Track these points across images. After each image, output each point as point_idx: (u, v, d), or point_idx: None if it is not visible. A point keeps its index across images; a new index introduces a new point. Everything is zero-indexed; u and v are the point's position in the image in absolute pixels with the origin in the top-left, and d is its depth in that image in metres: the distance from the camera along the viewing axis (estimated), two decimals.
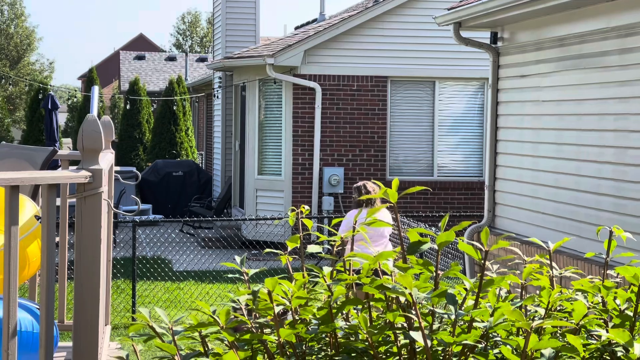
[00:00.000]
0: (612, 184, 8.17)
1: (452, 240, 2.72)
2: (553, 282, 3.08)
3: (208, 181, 21.94)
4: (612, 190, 8.18)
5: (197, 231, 18.25)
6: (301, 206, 3.26)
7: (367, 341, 2.69)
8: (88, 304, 4.06)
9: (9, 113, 45.93)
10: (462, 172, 16.93)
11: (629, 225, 7.68)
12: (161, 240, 15.47)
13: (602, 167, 8.35)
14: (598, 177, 8.40)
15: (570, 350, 2.58)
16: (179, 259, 15.14)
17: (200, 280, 13.65)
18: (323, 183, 16.33)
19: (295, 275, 2.99)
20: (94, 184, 4.10)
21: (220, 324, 2.86)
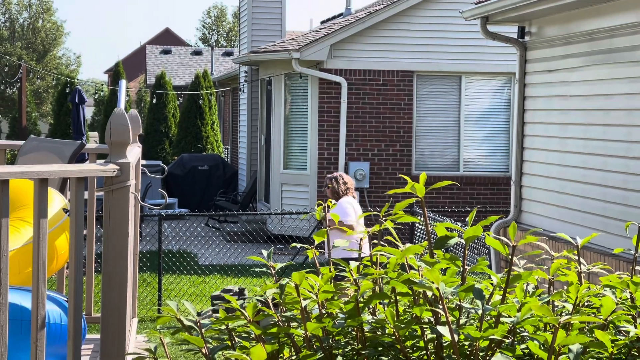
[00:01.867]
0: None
1: (479, 235, 2.72)
2: (581, 278, 3.06)
3: (233, 175, 21.99)
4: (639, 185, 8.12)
5: (223, 225, 18.31)
6: (328, 200, 3.26)
7: (394, 335, 2.69)
8: (116, 297, 4.08)
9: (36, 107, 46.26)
10: (488, 167, 16.86)
11: None
12: (187, 234, 15.53)
13: (630, 162, 8.30)
14: (626, 172, 8.35)
15: (599, 346, 2.57)
16: (204, 253, 15.19)
17: (226, 274, 13.69)
18: None
19: (321, 270, 2.99)
20: (121, 177, 4.13)
21: (248, 317, 2.87)
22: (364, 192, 16.37)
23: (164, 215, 12.69)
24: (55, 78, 28.67)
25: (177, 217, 17.90)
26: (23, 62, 35.52)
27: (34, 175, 3.80)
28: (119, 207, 4.13)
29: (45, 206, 3.82)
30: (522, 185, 10.64)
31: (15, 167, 3.91)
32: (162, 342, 3.00)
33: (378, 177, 16.46)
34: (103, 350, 4.03)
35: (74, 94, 19.19)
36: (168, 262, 13.56)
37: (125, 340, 4.15)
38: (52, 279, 7.83)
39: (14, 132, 33.35)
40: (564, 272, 3.07)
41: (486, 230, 4.92)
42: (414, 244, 2.81)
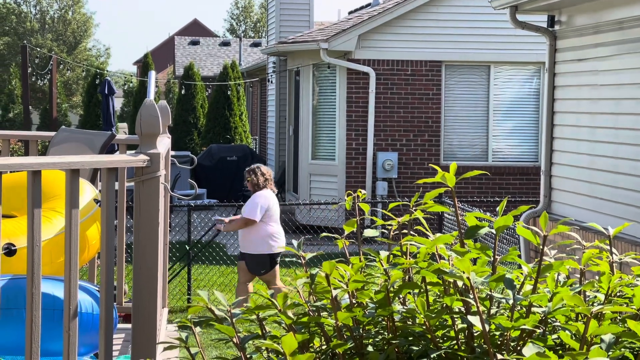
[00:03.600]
0: None
1: (510, 225, 2.71)
2: (613, 268, 3.05)
3: None
4: None
5: None
6: (358, 190, 3.26)
7: (425, 325, 2.69)
8: (146, 286, 4.11)
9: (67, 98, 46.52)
10: (518, 157, 16.79)
11: None
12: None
13: None
14: None
15: (631, 336, 2.56)
16: (233, 243, 15.24)
17: None
18: (377, 168, 16.30)
19: (352, 260, 3.00)
20: (152, 168, 4.15)
21: (278, 306, 2.88)
22: (392, 182, 16.34)
23: (193, 205, 12.74)
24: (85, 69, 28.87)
25: (206, 207, 17.96)
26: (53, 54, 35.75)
27: (65, 166, 3.83)
28: (149, 198, 4.15)
29: (76, 196, 3.85)
30: (552, 175, 10.58)
31: (47, 157, 3.94)
32: (193, 332, 3.02)
33: (406, 167, 16.43)
34: (134, 340, 4.06)
35: (103, 85, 19.29)
36: (197, 252, 13.62)
37: (156, 329, 4.18)
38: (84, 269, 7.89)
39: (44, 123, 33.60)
40: (595, 262, 3.06)
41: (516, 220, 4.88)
42: (443, 234, 2.81)
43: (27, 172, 3.60)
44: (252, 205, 9.96)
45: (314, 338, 3.01)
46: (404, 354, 2.80)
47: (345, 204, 3.27)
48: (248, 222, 9.88)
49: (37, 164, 3.65)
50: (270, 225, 9.96)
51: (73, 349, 3.84)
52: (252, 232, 9.92)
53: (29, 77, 33.42)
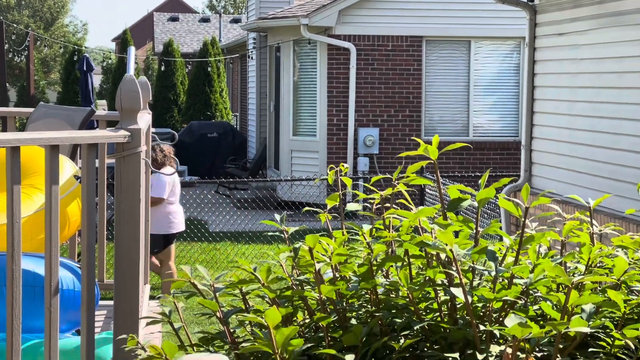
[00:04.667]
0: None
1: (492, 198, 2.71)
2: (593, 239, 3.06)
3: (243, 142, 21.98)
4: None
5: (233, 192, 18.33)
6: (340, 164, 3.26)
7: (408, 297, 2.70)
8: (128, 262, 4.10)
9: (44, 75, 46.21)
10: (498, 132, 16.82)
11: None
12: (197, 201, 15.54)
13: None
14: (636, 135, 8.32)
15: (611, 306, 2.58)
16: (214, 220, 15.23)
17: (237, 241, 13.73)
18: (358, 144, 16.30)
19: (335, 234, 3.00)
20: (133, 144, 4.12)
21: (261, 281, 2.88)
22: (374, 158, 16.35)
23: None
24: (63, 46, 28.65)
25: (187, 184, 17.91)
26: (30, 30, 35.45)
27: (44, 142, 3.79)
28: (130, 174, 4.13)
29: (56, 173, 3.82)
30: (532, 150, 10.61)
31: (25, 133, 3.91)
32: (176, 307, 3.02)
33: (388, 143, 16.43)
34: (116, 315, 4.05)
35: (81, 61, 19.15)
36: None
37: (139, 305, 4.17)
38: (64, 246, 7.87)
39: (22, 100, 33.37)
40: (576, 234, 3.07)
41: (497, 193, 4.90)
42: (425, 207, 2.81)
43: (5, 148, 3.57)
44: (159, 184, 9.66)
45: (298, 312, 3.02)
46: (387, 326, 2.81)
47: (328, 179, 3.27)
48: (155, 201, 9.53)
49: (15, 139, 3.62)
50: (170, 204, 9.76)
51: (55, 325, 3.82)
52: (153, 211, 9.60)
53: (6, 53, 33.12)
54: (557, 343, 2.52)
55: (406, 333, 2.73)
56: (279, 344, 2.41)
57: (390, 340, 2.61)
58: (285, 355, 2.44)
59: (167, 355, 2.61)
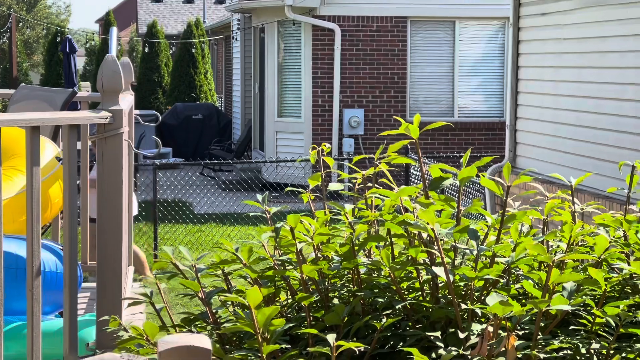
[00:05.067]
0: (634, 121, 8.11)
1: (474, 176, 2.71)
2: (575, 217, 3.07)
3: (228, 124, 21.93)
4: (633, 127, 8.12)
5: (218, 174, 18.30)
6: (322, 144, 3.25)
7: (390, 277, 2.70)
8: (111, 244, 4.08)
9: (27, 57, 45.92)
10: (483, 113, 16.84)
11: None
12: (182, 183, 15.52)
13: (624, 104, 8.29)
14: (619, 114, 8.34)
15: (592, 283, 2.58)
16: (199, 202, 15.21)
17: (222, 223, 13.72)
18: (343, 125, 16.29)
19: (317, 213, 2.99)
20: (114, 125, 4.11)
21: (243, 261, 2.87)
22: (359, 138, 16.34)
23: (159, 164, 12.67)
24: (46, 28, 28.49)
25: (171, 166, 17.88)
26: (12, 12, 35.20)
27: (25, 123, 3.77)
28: (112, 155, 4.11)
29: (37, 154, 3.80)
30: (517, 130, 10.63)
31: (6, 115, 3.89)
32: (158, 288, 3.01)
33: (373, 123, 16.42)
34: (99, 297, 4.05)
35: (64, 43, 19.05)
36: (163, 211, 13.58)
37: (122, 287, 4.16)
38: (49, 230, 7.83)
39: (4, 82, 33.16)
40: (558, 212, 3.08)
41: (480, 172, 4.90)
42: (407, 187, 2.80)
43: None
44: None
45: (280, 292, 3.01)
46: (369, 306, 2.81)
47: (310, 159, 3.26)
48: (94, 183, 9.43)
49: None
50: None
51: (37, 307, 3.81)
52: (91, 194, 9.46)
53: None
54: (538, 321, 2.52)
55: (388, 312, 2.73)
56: (261, 324, 2.40)
57: (372, 320, 2.61)
58: (267, 335, 2.44)
59: (149, 336, 2.61)
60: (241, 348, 2.62)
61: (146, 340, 2.62)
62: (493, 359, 2.50)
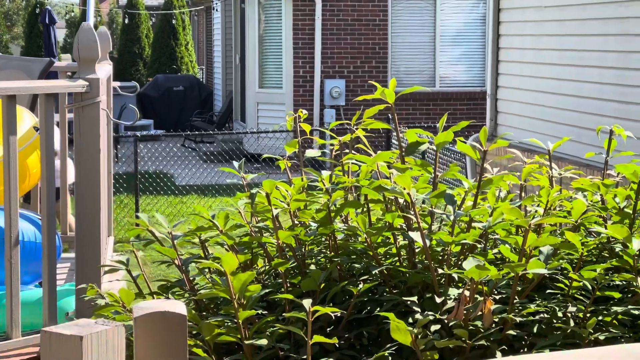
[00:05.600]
0: (615, 89, 8.12)
1: (450, 141, 2.70)
2: (552, 182, 3.07)
3: (209, 96, 21.84)
4: (615, 95, 8.13)
5: (199, 145, 18.24)
6: (299, 110, 3.23)
7: (366, 242, 2.69)
8: (89, 213, 4.06)
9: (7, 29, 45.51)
10: (465, 83, 16.83)
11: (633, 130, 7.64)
12: (163, 154, 15.47)
13: (604, 72, 8.29)
14: (600, 82, 8.35)
15: (569, 247, 2.59)
16: (180, 173, 15.17)
17: (203, 194, 13.70)
18: (324, 95, 16.25)
19: (293, 180, 2.98)
20: (91, 94, 4.07)
21: (220, 227, 2.86)
22: (340, 109, 16.31)
23: (140, 136, 12.62)
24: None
25: (153, 138, 17.82)
26: None
27: (1, 92, 3.74)
28: (90, 124, 4.08)
29: (14, 123, 3.77)
30: (498, 99, 10.63)
31: None
32: (135, 255, 3.00)
33: (354, 94, 16.39)
34: (78, 266, 4.03)
35: (43, 15, 18.89)
36: (145, 183, 13.54)
37: (101, 256, 4.15)
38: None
39: None
40: (535, 177, 3.08)
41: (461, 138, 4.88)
42: (383, 152, 2.79)
43: None
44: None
45: (257, 259, 3.00)
46: (346, 272, 2.81)
47: (287, 125, 3.24)
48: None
49: None
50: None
51: (16, 277, 3.80)
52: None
53: None
54: (515, 285, 2.53)
55: (365, 278, 2.73)
56: (236, 290, 2.40)
57: (349, 285, 2.61)
58: (243, 301, 2.43)
59: (125, 303, 2.60)
60: (218, 314, 2.62)
61: (122, 306, 2.61)
62: (470, 322, 2.50)
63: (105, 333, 2.01)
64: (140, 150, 14.15)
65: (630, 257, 2.59)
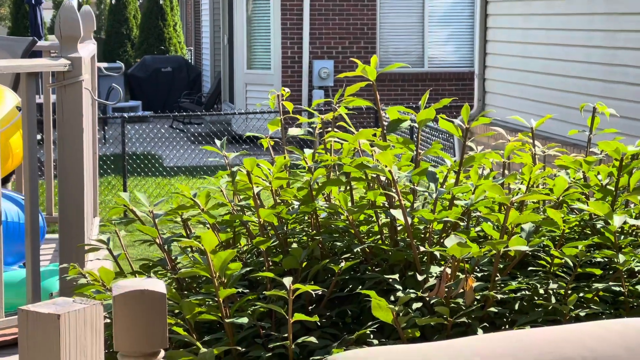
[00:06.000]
0: (601, 68, 8.12)
1: (432, 118, 2.69)
2: (535, 159, 3.06)
3: (197, 77, 21.77)
4: (601, 74, 8.13)
5: (187, 127, 18.20)
6: (281, 89, 3.21)
7: (348, 220, 2.68)
8: (72, 192, 4.04)
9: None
10: (453, 63, 16.80)
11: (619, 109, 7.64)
12: (151, 136, 15.41)
13: (591, 51, 8.28)
14: (587, 61, 8.34)
15: (550, 224, 2.58)
16: (169, 155, 15.13)
17: (191, 175, 13.67)
18: (313, 76, 16.21)
19: (275, 158, 2.97)
20: (73, 72, 4.04)
21: (201, 206, 2.85)
22: (329, 90, 16.28)
23: (127, 117, 12.57)
24: None
25: (140, 119, 17.76)
26: None
27: None
28: (72, 103, 4.05)
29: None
30: (486, 79, 10.62)
31: None
32: (117, 235, 2.98)
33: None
34: (62, 246, 4.01)
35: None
36: (133, 164, 13.50)
37: (85, 237, 4.13)
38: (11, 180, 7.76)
39: None
40: (518, 155, 3.07)
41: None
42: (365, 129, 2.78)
43: None
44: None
45: (240, 238, 2.99)
46: (328, 250, 2.80)
47: (269, 103, 3.22)
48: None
49: None
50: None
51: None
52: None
53: None
54: (497, 262, 2.52)
55: (347, 256, 2.72)
56: (217, 268, 2.38)
57: (331, 263, 2.60)
58: (224, 279, 2.42)
59: (104, 282, 2.59)
60: (199, 293, 2.61)
61: (102, 285, 2.60)
62: (451, 300, 2.50)
63: (83, 311, 1.99)
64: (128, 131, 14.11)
65: (612, 233, 2.59)
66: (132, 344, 1.96)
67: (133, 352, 1.94)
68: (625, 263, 2.53)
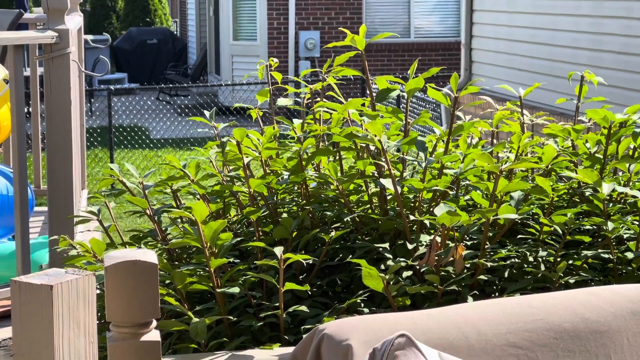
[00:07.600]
0: (589, 37, 8.12)
1: (420, 87, 2.69)
2: (524, 128, 3.07)
3: (183, 48, 21.68)
4: (588, 43, 8.13)
5: (174, 99, 18.14)
6: (270, 59, 3.21)
7: (338, 190, 2.69)
8: (61, 165, 4.04)
9: None
10: (440, 33, 16.78)
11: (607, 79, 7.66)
12: (137, 108, 15.36)
13: (579, 20, 8.28)
14: (575, 30, 8.34)
15: (539, 192, 2.60)
16: (155, 127, 15.10)
17: (178, 147, 13.65)
18: (299, 47, 16.16)
19: (265, 128, 2.96)
20: (61, 45, 4.02)
21: (191, 177, 2.85)
22: (315, 61, 16.23)
23: (114, 89, 12.51)
24: None
25: (127, 91, 17.69)
26: None
27: None
28: (60, 75, 4.03)
29: None
30: (472, 48, 10.61)
31: None
32: (107, 206, 2.98)
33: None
34: (51, 218, 4.01)
35: None
36: (119, 136, 13.47)
37: (74, 209, 4.13)
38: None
39: None
40: (507, 124, 3.08)
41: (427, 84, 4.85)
42: (355, 99, 2.78)
43: None
44: None
45: (230, 209, 3.00)
46: (318, 220, 2.81)
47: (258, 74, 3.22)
48: None
49: None
50: None
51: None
52: None
53: None
54: (486, 230, 2.54)
55: (337, 225, 2.73)
56: (208, 238, 2.39)
57: (321, 233, 2.61)
58: (215, 250, 2.43)
59: (96, 253, 2.59)
60: (190, 263, 2.62)
61: (93, 257, 2.60)
62: (441, 268, 2.51)
63: (75, 282, 2.00)
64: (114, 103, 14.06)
65: (600, 201, 2.60)
66: (125, 314, 1.96)
67: (125, 322, 1.95)
68: (614, 230, 2.54)
